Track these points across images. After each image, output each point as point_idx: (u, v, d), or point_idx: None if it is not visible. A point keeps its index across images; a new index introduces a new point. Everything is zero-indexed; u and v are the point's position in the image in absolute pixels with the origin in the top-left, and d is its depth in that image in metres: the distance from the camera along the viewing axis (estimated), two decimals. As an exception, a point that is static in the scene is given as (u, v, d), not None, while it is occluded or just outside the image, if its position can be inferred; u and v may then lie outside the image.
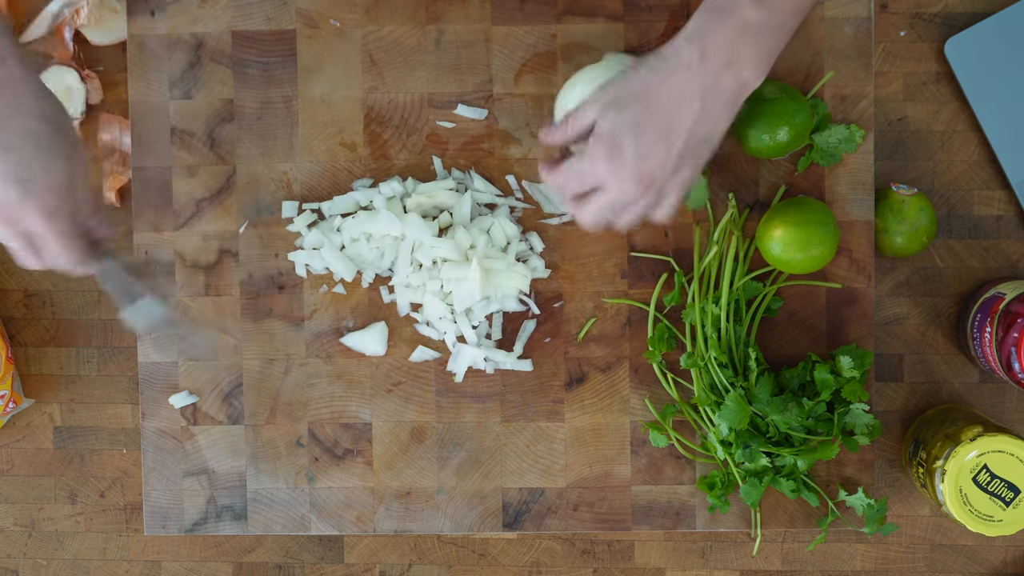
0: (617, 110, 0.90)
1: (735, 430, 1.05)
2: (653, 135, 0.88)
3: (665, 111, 0.88)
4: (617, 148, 0.90)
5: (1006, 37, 1.11)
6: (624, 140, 0.89)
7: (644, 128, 0.89)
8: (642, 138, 0.89)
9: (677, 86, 0.87)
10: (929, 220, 1.09)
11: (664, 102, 0.88)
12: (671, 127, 0.88)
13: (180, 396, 1.11)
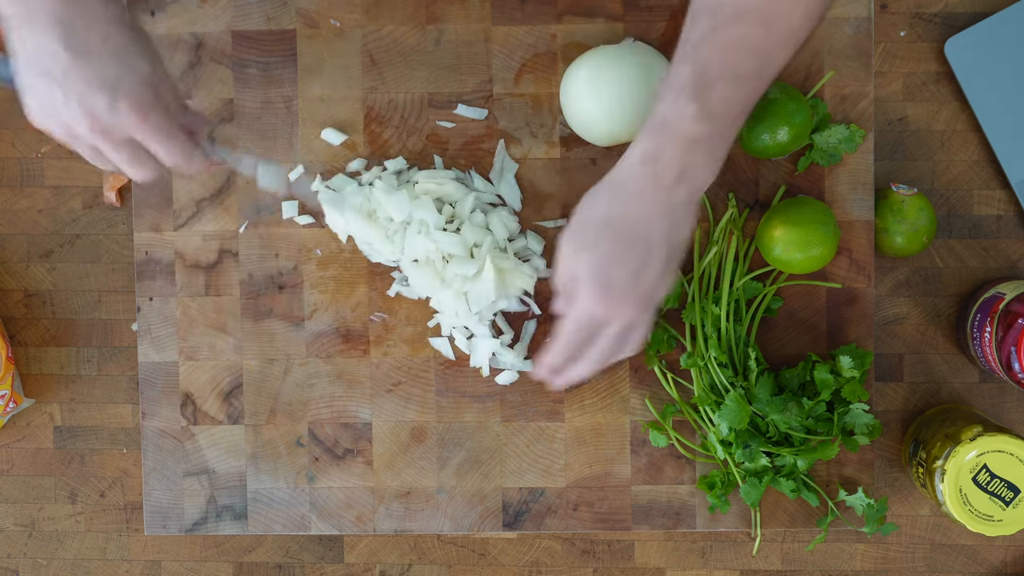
0: (593, 249, 0.90)
1: (735, 430, 1.05)
2: (636, 259, 0.89)
3: (639, 235, 0.89)
4: (606, 281, 0.90)
5: (1006, 37, 1.11)
6: (612, 272, 0.90)
7: (625, 256, 0.90)
8: (628, 265, 0.90)
9: (641, 210, 0.89)
10: (929, 220, 1.09)
11: (634, 228, 0.89)
12: (648, 246, 0.89)
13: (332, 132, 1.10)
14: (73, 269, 1.17)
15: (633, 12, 1.10)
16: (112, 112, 0.86)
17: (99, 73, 0.85)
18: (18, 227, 1.17)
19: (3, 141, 1.17)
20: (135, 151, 0.88)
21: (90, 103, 0.85)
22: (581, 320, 0.92)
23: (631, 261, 0.89)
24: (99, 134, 0.86)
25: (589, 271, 0.90)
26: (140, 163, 0.89)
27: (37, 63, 0.85)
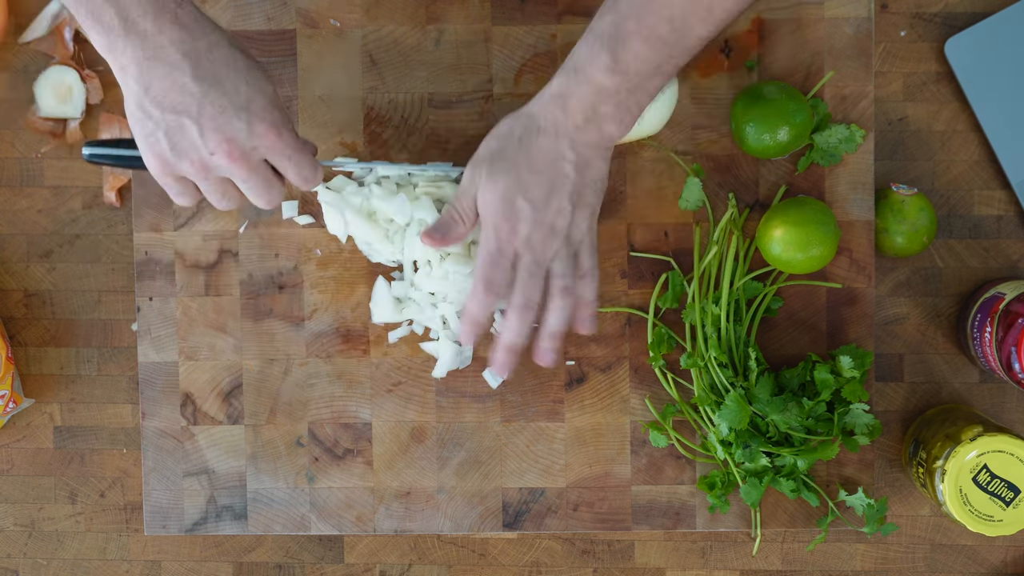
0: (499, 176, 0.92)
1: (735, 430, 1.05)
2: (540, 189, 0.91)
3: (544, 166, 0.91)
4: (513, 209, 0.91)
5: (1006, 37, 1.11)
6: (517, 200, 0.91)
7: (530, 185, 0.91)
8: (532, 192, 0.91)
9: (548, 143, 0.91)
10: (929, 220, 1.09)
11: (540, 159, 0.91)
12: (553, 179, 0.91)
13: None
14: (73, 269, 1.17)
15: (633, 12, 1.10)
16: (250, 134, 0.86)
17: (232, 98, 0.85)
18: (18, 227, 1.17)
19: (3, 141, 1.17)
20: (268, 174, 0.89)
21: (228, 129, 0.85)
22: (490, 251, 0.92)
23: (535, 190, 0.91)
24: (238, 160, 0.87)
25: (498, 198, 0.91)
26: (271, 186, 0.89)
27: (168, 101, 0.85)
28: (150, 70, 0.84)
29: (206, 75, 0.85)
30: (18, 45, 1.16)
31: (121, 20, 0.84)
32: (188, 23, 0.85)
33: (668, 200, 1.10)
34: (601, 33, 0.87)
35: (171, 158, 0.87)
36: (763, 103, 1.05)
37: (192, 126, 0.85)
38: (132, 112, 0.87)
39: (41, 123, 1.16)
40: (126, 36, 0.84)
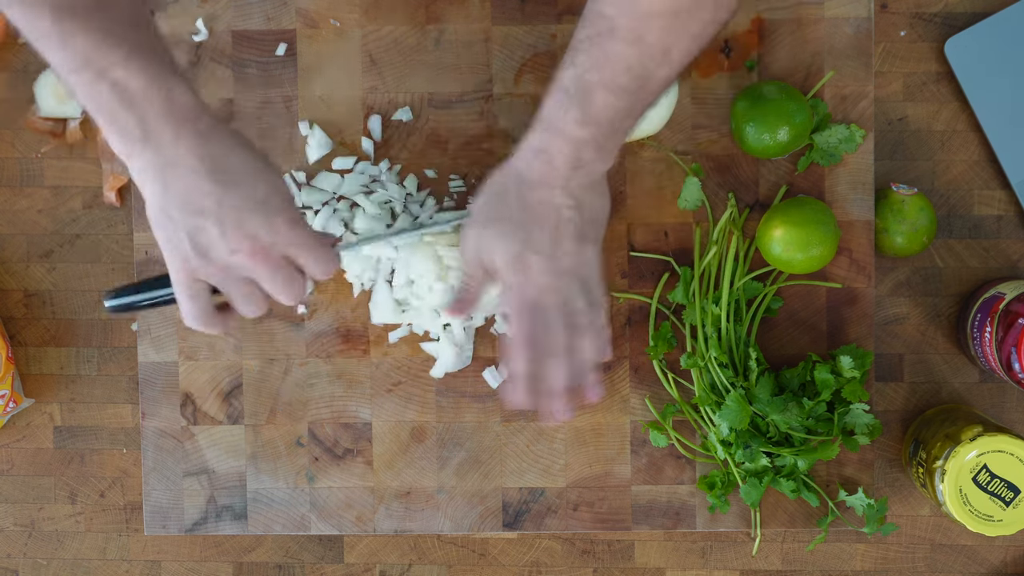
0: (507, 235, 0.92)
1: (735, 430, 1.05)
2: (546, 239, 0.92)
3: (545, 217, 0.92)
4: (524, 265, 0.92)
5: (1006, 37, 1.11)
6: (527, 255, 0.92)
7: (536, 238, 0.92)
8: (539, 244, 0.92)
9: (543, 195, 0.92)
10: (929, 220, 1.09)
11: (540, 211, 0.92)
12: (556, 226, 0.92)
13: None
14: (73, 269, 1.17)
15: (633, 12, 1.10)
16: (270, 230, 0.87)
17: (250, 197, 0.86)
18: (18, 227, 1.17)
19: (3, 141, 1.17)
20: (290, 269, 0.89)
21: (248, 227, 0.86)
22: (517, 308, 0.93)
23: (541, 242, 0.92)
24: (259, 258, 0.87)
25: (503, 257, 0.92)
26: (294, 281, 0.90)
27: (188, 204, 0.86)
28: (169, 175, 0.86)
29: (223, 177, 0.86)
30: (18, 45, 1.16)
31: (140, 127, 0.85)
32: (205, 130, 0.86)
33: (668, 200, 1.10)
34: (567, 88, 0.88)
35: (194, 260, 0.88)
36: (763, 103, 1.05)
37: (213, 226, 0.86)
38: (153, 216, 0.88)
39: (41, 123, 1.16)
40: (145, 142, 0.85)
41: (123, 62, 0.83)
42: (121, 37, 0.83)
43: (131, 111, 0.84)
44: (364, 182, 1.11)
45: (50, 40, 0.82)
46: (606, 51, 0.85)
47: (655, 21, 0.83)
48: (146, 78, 0.83)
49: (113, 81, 0.83)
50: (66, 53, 0.82)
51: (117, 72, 0.83)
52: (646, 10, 0.82)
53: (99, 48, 0.82)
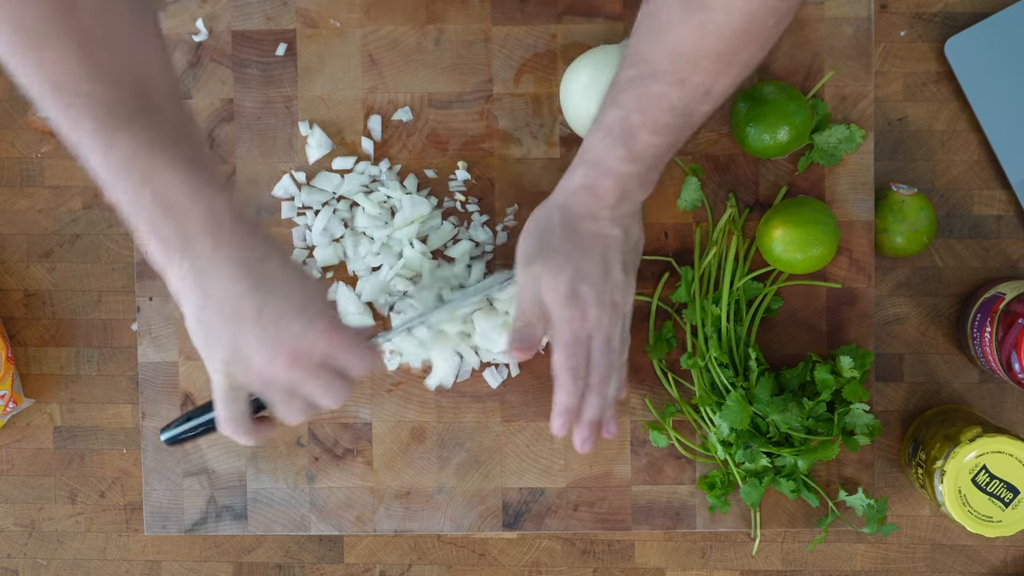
0: (555, 272, 0.94)
1: (735, 430, 1.05)
2: (597, 271, 0.94)
3: (594, 249, 0.94)
4: (579, 297, 0.94)
5: (1006, 37, 1.11)
6: (580, 288, 0.93)
7: (587, 270, 0.94)
8: (591, 276, 0.94)
9: (592, 227, 0.94)
10: (929, 220, 1.09)
11: (590, 243, 0.94)
12: (604, 257, 0.94)
13: None
14: (73, 269, 1.17)
15: (633, 12, 1.10)
16: (309, 336, 0.86)
17: (289, 302, 0.86)
18: (18, 227, 1.17)
19: (3, 141, 1.17)
20: (329, 373, 0.89)
21: (288, 333, 0.86)
22: (568, 342, 0.94)
23: (593, 273, 0.93)
24: (298, 364, 0.87)
25: (557, 292, 0.94)
26: (335, 384, 0.89)
27: (227, 311, 0.86)
28: (208, 283, 0.85)
29: (261, 284, 0.86)
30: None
31: (179, 236, 0.84)
32: (243, 236, 0.86)
33: (668, 200, 1.10)
34: (611, 128, 0.90)
35: (233, 366, 0.87)
36: (763, 103, 1.05)
37: (251, 334, 0.86)
38: (192, 326, 0.87)
39: (41, 123, 1.16)
40: (184, 251, 0.84)
41: (166, 170, 0.82)
42: (165, 144, 0.82)
43: (172, 221, 0.83)
44: (364, 182, 1.11)
45: (93, 145, 0.81)
46: (649, 92, 0.87)
47: (698, 64, 0.84)
48: (189, 188, 0.83)
49: (155, 190, 0.82)
50: (109, 160, 0.81)
51: (159, 180, 0.82)
52: (689, 54, 0.84)
53: (142, 155, 0.81)
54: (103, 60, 0.80)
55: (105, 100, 0.80)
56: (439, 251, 1.11)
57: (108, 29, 0.80)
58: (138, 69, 0.82)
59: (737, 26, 0.81)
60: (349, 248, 1.11)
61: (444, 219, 1.11)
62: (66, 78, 0.79)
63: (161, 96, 0.84)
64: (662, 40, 0.84)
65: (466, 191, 1.11)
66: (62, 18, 0.78)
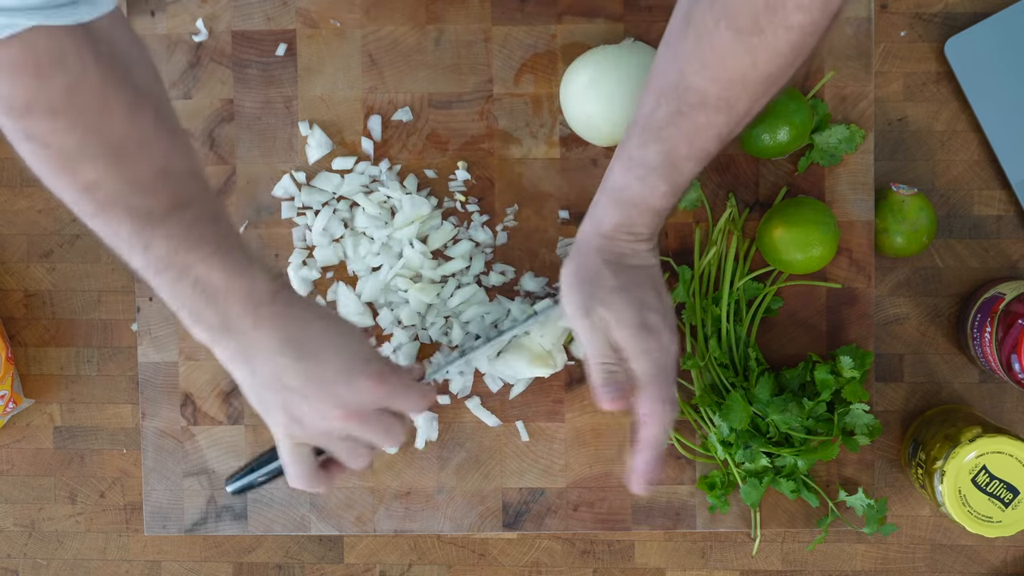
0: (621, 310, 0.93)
1: (735, 430, 1.05)
2: (654, 297, 0.94)
3: (645, 279, 0.94)
4: (648, 327, 0.93)
5: (1006, 37, 1.11)
6: (648, 318, 0.93)
7: (647, 299, 0.93)
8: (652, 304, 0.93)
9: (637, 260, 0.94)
10: (929, 220, 1.09)
11: (640, 276, 0.94)
12: (655, 286, 0.94)
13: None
14: (73, 269, 1.17)
15: (633, 12, 1.10)
16: (357, 394, 0.89)
17: (333, 367, 0.89)
18: (18, 227, 1.17)
19: (3, 141, 1.17)
20: (385, 420, 0.91)
21: (336, 395, 0.89)
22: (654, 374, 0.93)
23: (652, 300, 0.93)
24: (352, 419, 0.89)
25: (627, 328, 0.92)
26: (392, 427, 0.92)
27: (276, 383, 0.89)
28: (253, 359, 0.89)
29: (304, 353, 0.88)
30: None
31: (221, 320, 0.87)
32: (282, 310, 0.89)
33: (668, 200, 1.10)
34: (653, 165, 0.89)
35: (293, 428, 0.90)
36: (763, 103, 1.05)
37: (302, 401, 0.89)
38: (248, 395, 0.91)
39: (41, 123, 1.15)
40: (227, 333, 0.88)
41: (205, 260, 0.85)
42: (200, 235, 0.85)
43: (214, 306, 0.87)
44: (364, 182, 1.11)
45: (132, 246, 0.85)
46: (697, 123, 0.86)
47: (746, 88, 0.84)
48: (226, 272, 0.86)
49: (195, 279, 0.85)
50: (148, 257, 0.85)
51: (199, 270, 0.85)
52: (738, 79, 0.83)
53: (180, 249, 0.84)
54: (137, 169, 0.82)
55: (141, 205, 0.83)
56: (439, 251, 1.11)
57: (138, 138, 0.82)
58: (168, 168, 0.84)
59: (792, 45, 0.81)
60: (349, 248, 1.11)
61: (444, 219, 1.11)
62: (102, 191, 0.82)
63: (192, 189, 0.86)
64: (713, 69, 0.83)
65: (466, 191, 1.11)
66: (96, 136, 0.80)
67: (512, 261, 1.11)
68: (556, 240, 1.11)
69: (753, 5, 0.79)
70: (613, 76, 1.04)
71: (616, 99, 1.04)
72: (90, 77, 0.78)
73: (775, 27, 0.80)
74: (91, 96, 0.78)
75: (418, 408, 0.92)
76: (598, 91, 1.04)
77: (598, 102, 1.05)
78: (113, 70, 0.79)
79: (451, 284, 1.10)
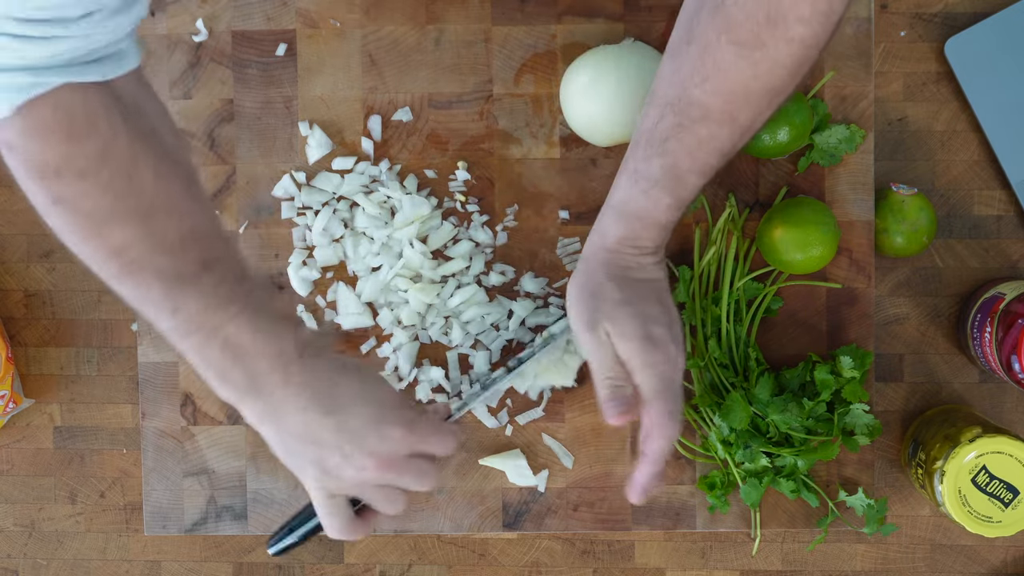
0: (625, 324, 0.92)
1: (735, 430, 1.05)
2: (658, 310, 0.93)
3: (649, 292, 0.94)
4: (653, 341, 0.92)
5: (1006, 37, 1.11)
6: (652, 331, 0.92)
7: (651, 313, 0.93)
8: (657, 317, 0.93)
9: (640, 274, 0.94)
10: (929, 220, 1.09)
11: (644, 289, 0.93)
12: (660, 300, 0.94)
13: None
14: (73, 269, 1.17)
15: (633, 12, 1.10)
16: (389, 444, 0.89)
17: (363, 419, 0.89)
18: (18, 227, 1.17)
19: (3, 141, 1.17)
20: (417, 464, 0.91)
21: (367, 447, 0.89)
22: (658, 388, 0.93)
23: (656, 314, 0.93)
24: (385, 467, 0.89)
25: (631, 342, 0.92)
26: (425, 472, 0.91)
27: (306, 439, 0.89)
28: (282, 417, 0.88)
29: (333, 407, 0.88)
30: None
31: (248, 380, 0.86)
32: (309, 365, 0.88)
33: (668, 200, 1.10)
34: (657, 178, 0.89)
35: (327, 481, 0.90)
36: (763, 103, 1.05)
37: (334, 455, 0.89)
38: (278, 453, 0.91)
39: (41, 123, 1.15)
40: (255, 392, 0.87)
41: (233, 319, 0.84)
42: (229, 295, 0.84)
43: (241, 366, 0.86)
44: (364, 182, 1.11)
45: (161, 309, 0.83)
46: (699, 136, 0.86)
47: (749, 101, 0.84)
48: (254, 331, 0.85)
49: (224, 339, 0.85)
50: (177, 320, 0.83)
51: (228, 330, 0.84)
52: (741, 92, 0.83)
53: (209, 310, 0.84)
54: (165, 231, 0.81)
55: (170, 267, 0.82)
56: (439, 251, 1.11)
57: (166, 200, 0.81)
58: (196, 229, 0.83)
59: (794, 58, 0.81)
60: (349, 248, 1.11)
61: (444, 219, 1.11)
62: (132, 254, 0.80)
63: (218, 249, 0.85)
64: (715, 82, 0.83)
65: (466, 191, 1.11)
66: (126, 200, 0.79)
67: (512, 261, 1.11)
68: (556, 240, 1.11)
69: (754, 18, 0.79)
70: (613, 76, 1.04)
71: (616, 99, 1.04)
72: (120, 139, 0.77)
73: (776, 40, 0.80)
74: (122, 158, 0.77)
75: (447, 449, 0.92)
76: (598, 91, 1.04)
77: (598, 102, 1.05)
78: (140, 130, 0.79)
79: (451, 284, 1.10)
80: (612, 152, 1.10)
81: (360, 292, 1.11)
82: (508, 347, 1.11)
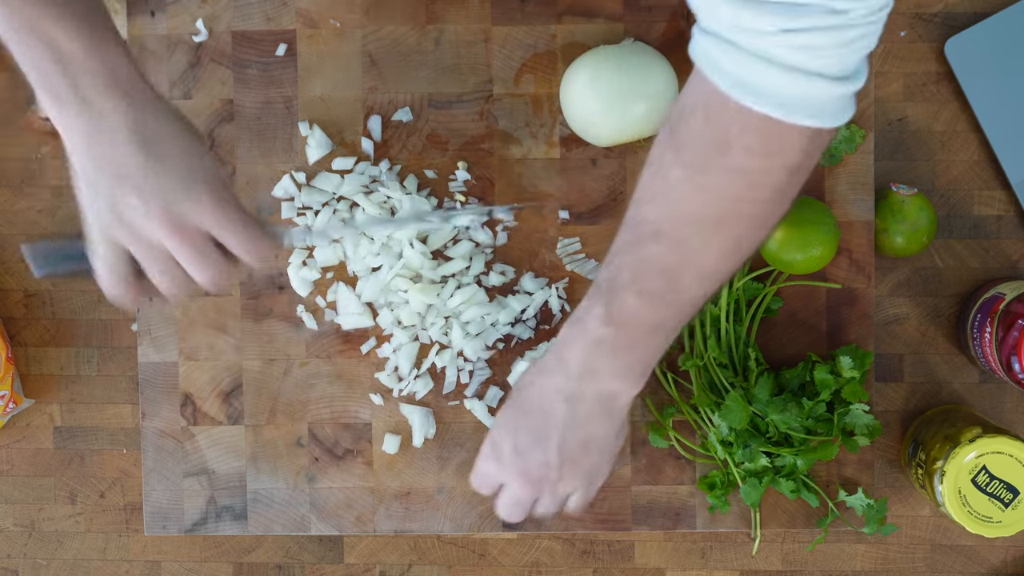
0: (500, 414, 0.93)
1: (735, 430, 1.05)
2: (526, 436, 0.91)
3: (536, 413, 0.91)
4: (497, 449, 0.92)
5: (1006, 37, 1.11)
6: (502, 441, 0.92)
7: (519, 429, 0.91)
8: (517, 438, 0.91)
9: (544, 388, 0.90)
10: (929, 220, 1.09)
11: (534, 404, 0.91)
12: (542, 428, 0.90)
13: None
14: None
15: (633, 12, 1.10)
16: (193, 207, 0.85)
17: (178, 171, 0.85)
18: (18, 227, 1.17)
19: (3, 141, 1.17)
20: (209, 249, 0.87)
21: (170, 199, 0.85)
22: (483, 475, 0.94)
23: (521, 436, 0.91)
24: (179, 235, 0.85)
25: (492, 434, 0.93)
26: (213, 262, 0.87)
27: (114, 173, 0.85)
28: (98, 141, 0.84)
29: (152, 148, 0.85)
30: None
31: (72, 92, 0.83)
32: (138, 98, 0.85)
33: (668, 200, 1.10)
34: (599, 286, 0.87)
35: (115, 228, 0.86)
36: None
37: (134, 195, 0.84)
38: (77, 181, 0.87)
39: (41, 123, 1.16)
40: (79, 107, 0.83)
41: (58, 20, 0.80)
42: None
43: (65, 76, 0.82)
44: (364, 182, 1.11)
45: None
46: (645, 255, 0.83)
47: (700, 229, 0.81)
48: (83, 43, 0.81)
49: (48, 40, 0.81)
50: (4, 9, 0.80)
51: (52, 30, 0.80)
52: (690, 217, 0.81)
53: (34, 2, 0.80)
54: None
55: None
56: (439, 251, 1.11)
57: None
58: None
59: (738, 191, 0.78)
60: (349, 248, 1.11)
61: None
62: None
63: None
64: (664, 202, 0.81)
65: (466, 191, 1.11)
66: None
67: (512, 261, 1.11)
68: (556, 240, 1.11)
69: (703, 141, 0.77)
70: (613, 76, 1.04)
71: (616, 99, 1.04)
72: None
73: (720, 168, 0.77)
74: None
75: (247, 251, 0.87)
76: (598, 91, 1.04)
77: (598, 102, 1.05)
78: None
79: (451, 284, 1.10)
80: (612, 152, 1.10)
81: (360, 292, 1.11)
82: (507, 344, 1.11)
